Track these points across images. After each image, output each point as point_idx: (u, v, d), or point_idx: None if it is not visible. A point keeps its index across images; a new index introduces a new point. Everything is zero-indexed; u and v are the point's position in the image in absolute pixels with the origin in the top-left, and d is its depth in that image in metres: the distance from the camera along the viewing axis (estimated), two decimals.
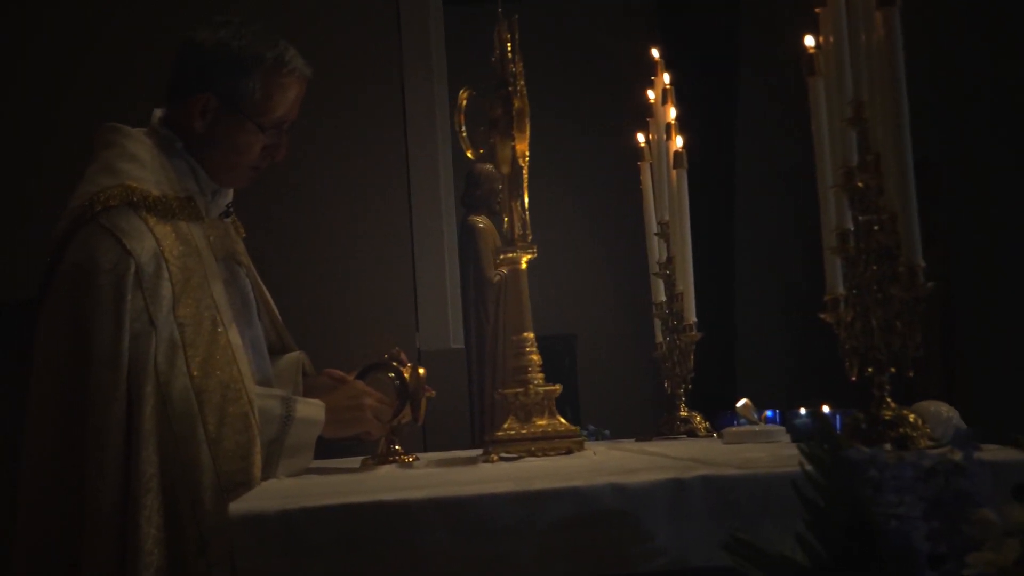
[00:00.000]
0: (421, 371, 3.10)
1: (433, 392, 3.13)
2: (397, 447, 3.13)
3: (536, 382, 3.05)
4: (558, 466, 2.66)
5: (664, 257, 3.86)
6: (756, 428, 3.11)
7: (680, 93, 3.76)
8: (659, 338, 3.92)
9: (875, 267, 2.40)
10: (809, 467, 1.90)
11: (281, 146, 3.05)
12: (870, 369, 2.44)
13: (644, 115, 3.92)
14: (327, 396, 3.05)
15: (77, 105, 4.56)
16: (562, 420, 3.04)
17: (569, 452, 2.99)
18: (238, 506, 2.11)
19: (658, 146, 3.81)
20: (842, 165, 2.47)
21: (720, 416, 3.62)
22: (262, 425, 2.79)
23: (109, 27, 4.85)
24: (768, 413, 3.26)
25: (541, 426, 3.02)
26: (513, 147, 3.03)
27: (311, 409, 2.96)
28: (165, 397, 2.69)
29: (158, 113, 3.04)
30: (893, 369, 2.37)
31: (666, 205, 3.79)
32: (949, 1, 9.46)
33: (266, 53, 2.99)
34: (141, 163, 2.92)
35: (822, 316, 2.59)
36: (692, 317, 3.66)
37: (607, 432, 4.44)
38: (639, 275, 9.09)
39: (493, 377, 8.15)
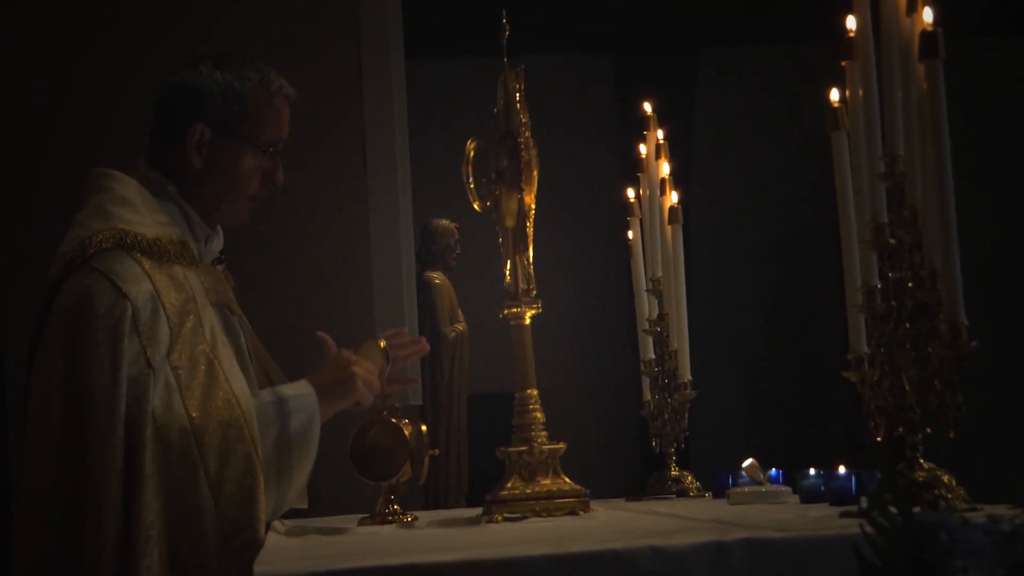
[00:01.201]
0: (423, 428, 3.02)
1: (436, 451, 3.05)
2: (396, 507, 3.04)
3: (540, 440, 2.98)
4: (577, 527, 2.59)
5: (655, 314, 3.81)
6: (762, 488, 3.05)
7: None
8: (647, 396, 3.86)
9: (908, 324, 2.35)
10: (870, 530, 1.83)
11: (278, 169, 2.98)
12: (900, 429, 2.38)
13: (634, 170, 3.88)
14: (311, 375, 2.92)
15: (64, 155, 4.49)
16: (566, 480, 2.97)
17: (573, 513, 2.92)
18: (263, 568, 2.02)
19: (650, 201, 3.77)
20: (872, 221, 2.42)
21: (715, 475, 3.55)
22: (261, 424, 2.70)
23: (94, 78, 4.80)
24: (772, 473, 3.20)
25: (545, 485, 2.95)
26: (520, 199, 2.96)
27: (296, 386, 2.86)
28: (164, 441, 2.59)
29: (140, 162, 2.96)
30: (928, 429, 2.32)
31: (658, 261, 3.74)
32: None
33: (251, 75, 2.92)
34: (133, 207, 2.83)
35: (845, 374, 2.54)
36: (687, 375, 3.61)
37: (588, 491, 4.36)
38: (599, 331, 9.08)
39: (447, 433, 8.10)
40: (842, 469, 2.80)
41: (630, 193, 3.91)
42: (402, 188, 6.65)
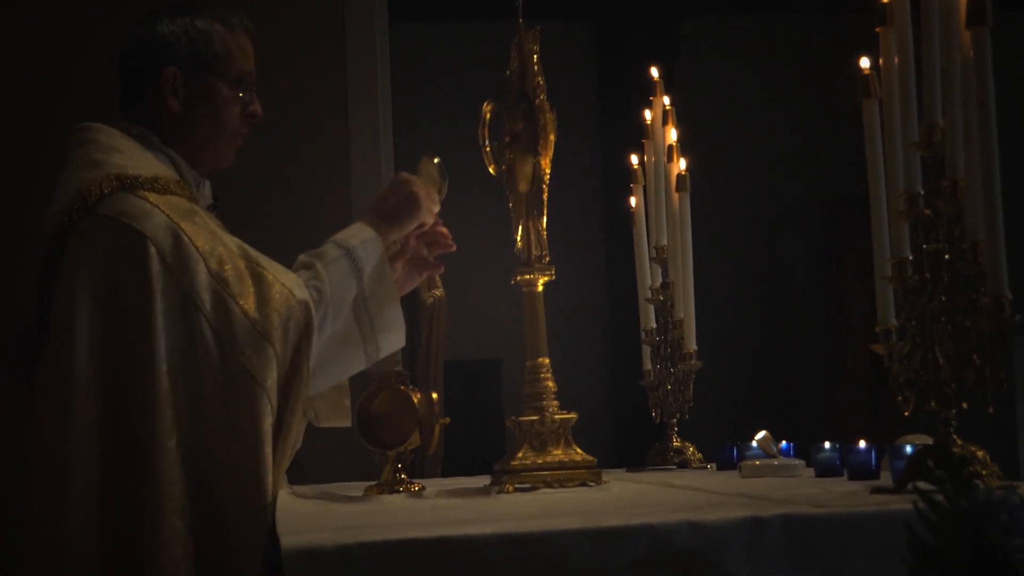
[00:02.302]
0: (435, 396, 2.96)
1: (448, 419, 2.98)
2: (403, 475, 2.98)
3: (552, 410, 2.93)
4: (601, 499, 2.54)
5: (658, 283, 3.75)
6: (775, 462, 3.01)
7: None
8: (647, 366, 3.81)
9: (944, 298, 2.30)
10: (925, 507, 1.78)
11: (255, 102, 2.94)
12: (932, 403, 2.34)
13: (639, 136, 3.81)
14: (373, 204, 2.91)
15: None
16: (578, 450, 2.92)
17: (584, 484, 2.87)
18: (291, 540, 1.96)
19: (656, 168, 3.71)
20: (906, 191, 2.37)
21: (718, 448, 3.51)
22: (341, 283, 2.71)
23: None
24: (783, 446, 3.15)
25: (557, 456, 2.90)
26: (536, 163, 2.90)
27: (358, 231, 2.83)
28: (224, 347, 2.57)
29: (118, 123, 2.88)
30: (965, 404, 2.27)
31: (663, 229, 3.69)
32: None
33: (208, 14, 2.90)
34: (122, 153, 2.75)
35: (873, 347, 2.49)
36: (692, 345, 3.56)
37: None
38: (569, 297, 9.03)
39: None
40: (862, 443, 2.76)
41: (633, 159, 3.84)
42: (384, 155, 6.57)
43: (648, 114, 3.77)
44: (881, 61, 2.46)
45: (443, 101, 8.88)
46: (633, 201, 3.86)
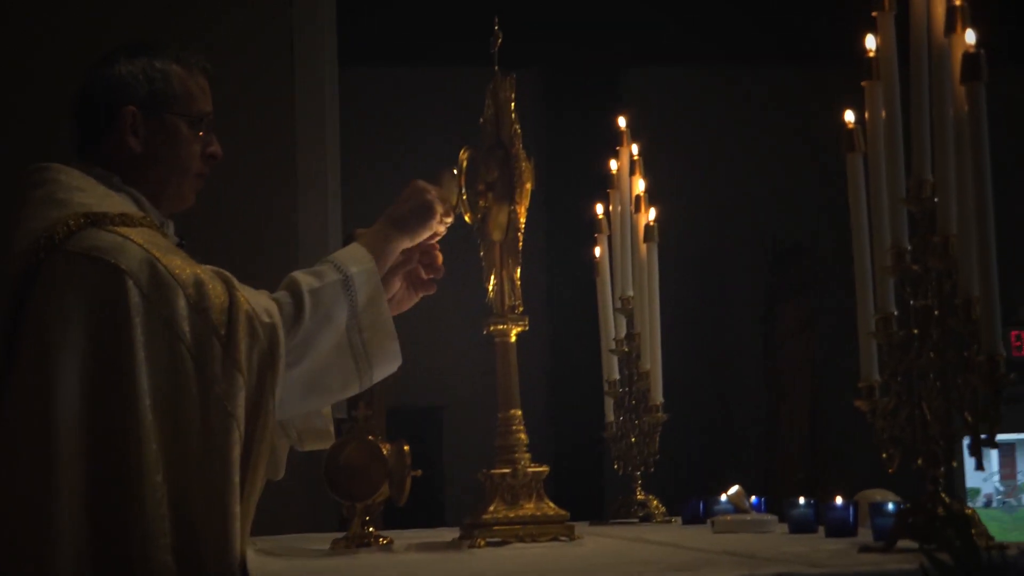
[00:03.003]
0: (406, 448, 2.90)
1: (419, 472, 2.92)
2: (371, 528, 2.92)
3: (524, 462, 2.88)
4: (582, 557, 2.50)
5: (622, 333, 3.72)
6: (748, 517, 2.98)
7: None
8: (609, 417, 3.77)
9: (933, 354, 2.29)
10: (931, 568, 1.76)
11: (214, 142, 2.89)
12: (920, 461, 2.32)
13: (604, 186, 3.79)
14: (389, 208, 2.87)
15: None
16: (550, 504, 2.88)
17: (556, 539, 2.82)
18: None
19: (621, 218, 3.69)
20: (893, 246, 2.36)
21: (682, 502, 3.48)
22: (329, 306, 2.67)
23: None
24: (754, 501, 3.13)
25: (529, 510, 2.85)
26: (512, 212, 2.86)
27: (356, 256, 2.77)
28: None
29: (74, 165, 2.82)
30: (955, 463, 2.25)
31: (629, 279, 3.66)
32: (823, 90, 9.58)
33: (166, 54, 2.85)
34: (85, 192, 2.69)
35: (857, 403, 2.47)
36: (659, 397, 3.53)
37: None
38: (526, 342, 8.98)
39: None
40: (839, 500, 2.73)
41: (598, 209, 3.82)
42: (332, 198, 6.53)
43: (614, 164, 3.75)
44: (867, 115, 2.45)
45: (392, 145, 8.85)
46: (597, 251, 3.83)
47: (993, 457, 10.83)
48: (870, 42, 2.47)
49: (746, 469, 9.06)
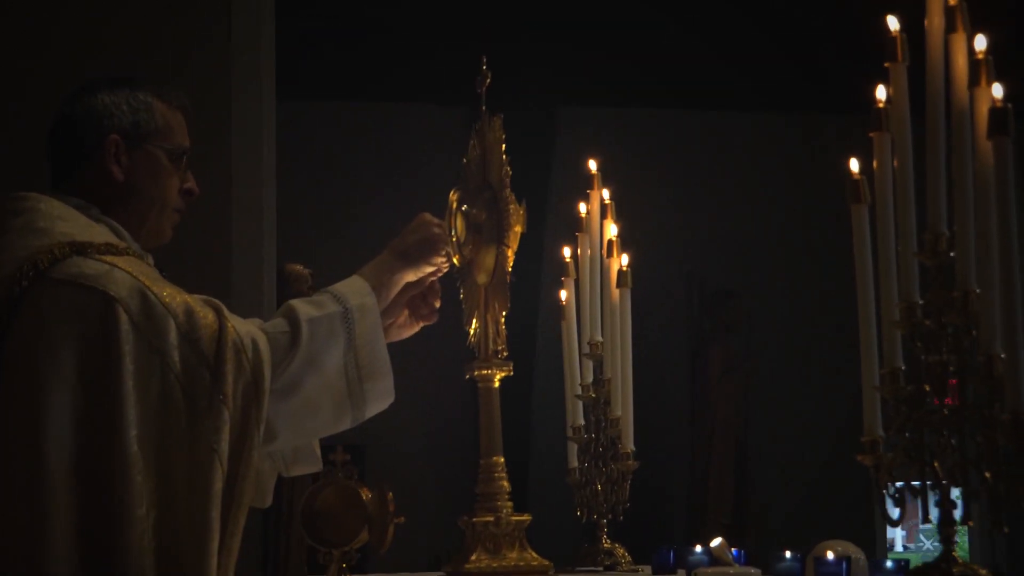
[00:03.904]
0: (390, 495, 2.81)
1: (402, 518, 2.84)
2: (348, 575, 2.84)
3: (506, 511, 2.82)
4: None
5: (588, 379, 3.66)
6: (731, 570, 2.93)
7: None
8: (572, 463, 3.71)
9: (946, 412, 2.26)
10: None
11: (191, 180, 2.81)
12: (928, 518, 2.29)
13: (572, 229, 3.74)
14: (394, 241, 2.82)
15: None
16: (533, 553, 2.82)
17: None
18: None
19: (590, 262, 3.64)
20: (903, 300, 2.33)
21: (654, 551, 3.43)
22: (327, 338, 2.60)
23: None
24: (734, 552, 3.08)
25: (512, 559, 2.80)
26: (499, 254, 2.80)
27: (356, 290, 2.71)
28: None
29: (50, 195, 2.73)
30: (971, 523, 2.22)
31: (598, 325, 3.61)
32: (758, 133, 9.65)
33: (146, 87, 2.77)
34: (66, 221, 2.59)
35: (860, 458, 2.44)
36: (630, 445, 3.48)
37: None
38: (437, 383, 8.91)
39: (292, 491, 7.81)
40: (830, 554, 2.69)
41: (566, 252, 3.77)
42: (267, 232, 6.43)
43: (584, 207, 3.70)
44: (875, 165, 2.43)
45: (330, 179, 8.78)
46: (564, 295, 3.77)
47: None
48: (880, 93, 2.44)
49: (671, 512, 9.05)
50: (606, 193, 3.66)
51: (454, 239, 2.82)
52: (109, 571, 2.37)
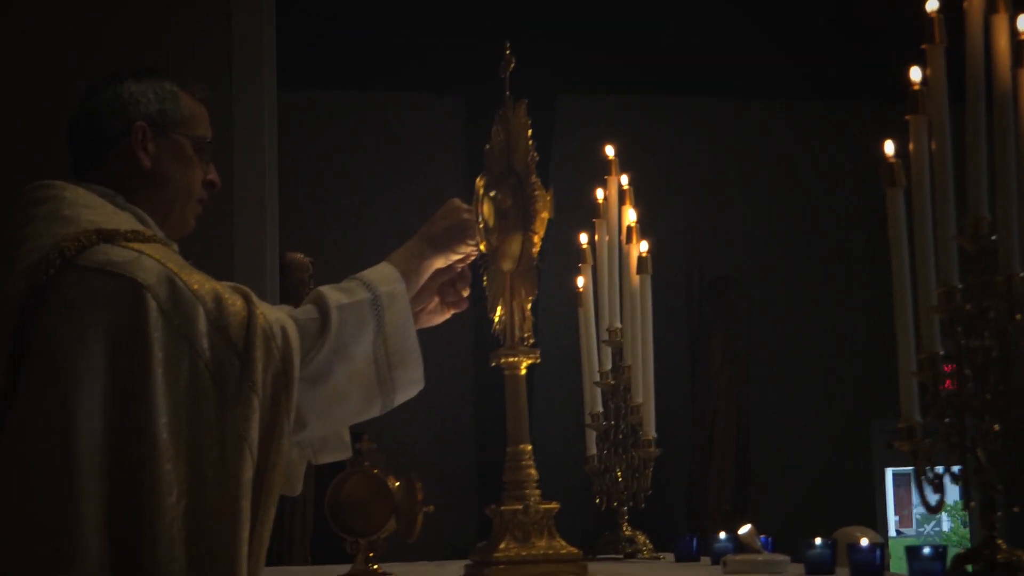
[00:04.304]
0: (418, 484, 2.78)
1: (432, 507, 2.80)
2: (376, 566, 2.81)
3: (535, 499, 2.78)
4: None
5: (607, 366, 3.64)
6: (759, 557, 2.91)
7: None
8: (591, 450, 3.69)
9: (988, 396, 2.23)
10: None
11: (213, 172, 2.81)
12: (971, 504, 2.26)
13: (591, 215, 3.71)
14: (423, 227, 2.81)
15: None
16: (562, 542, 2.78)
17: None
18: None
19: (608, 249, 3.61)
20: (942, 285, 2.30)
21: (674, 539, 3.41)
22: (357, 325, 2.59)
23: None
24: (761, 539, 3.05)
25: (541, 548, 2.75)
26: (525, 241, 2.77)
27: (382, 271, 2.71)
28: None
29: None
30: (1016, 508, 2.19)
31: (616, 312, 3.59)
32: (756, 122, 9.62)
33: (169, 79, 2.79)
34: (92, 209, 2.58)
35: (897, 444, 2.41)
36: (652, 432, 3.46)
37: None
38: (440, 375, 8.88)
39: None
40: (864, 541, 2.67)
41: (583, 239, 3.74)
42: (270, 219, 6.40)
43: (601, 193, 3.67)
44: (911, 148, 2.40)
45: (327, 168, 8.74)
46: (581, 281, 3.75)
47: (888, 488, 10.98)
48: (915, 75, 2.42)
49: (672, 500, 9.03)
50: (624, 179, 3.63)
51: (481, 225, 2.79)
52: (138, 561, 2.35)
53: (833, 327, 9.54)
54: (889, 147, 2.49)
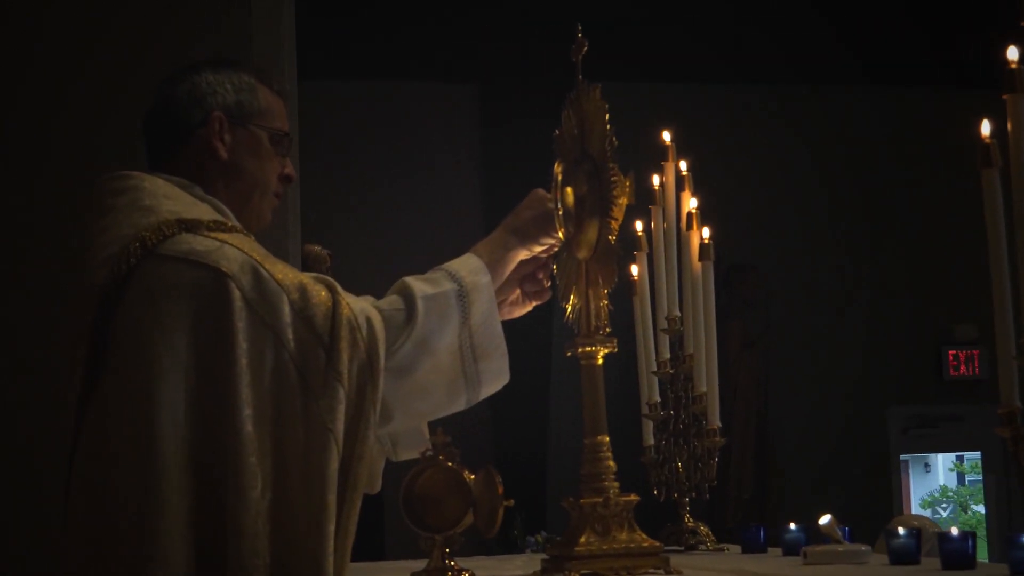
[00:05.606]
0: (498, 477, 2.71)
1: (511, 501, 2.74)
2: (452, 562, 2.75)
3: (614, 491, 2.73)
4: None
5: (665, 355, 3.59)
6: (839, 548, 2.86)
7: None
8: (648, 441, 3.64)
9: None
10: None
11: (289, 165, 2.76)
12: None
13: (646, 203, 3.66)
14: (508, 217, 2.76)
15: None
16: (642, 535, 2.73)
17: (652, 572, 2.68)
18: None
19: (666, 235, 3.56)
20: None
21: (745, 530, 3.36)
22: (442, 315, 2.53)
23: None
24: (842, 529, 3.00)
25: (623, 541, 2.70)
26: (602, 228, 2.71)
27: (467, 262, 2.66)
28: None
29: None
30: None
31: (675, 300, 3.53)
32: (772, 107, 9.57)
33: (247, 71, 2.73)
34: (172, 199, 2.52)
35: (998, 431, 2.36)
36: (716, 421, 3.40)
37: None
38: None
39: None
40: (954, 530, 2.62)
41: (638, 226, 3.69)
42: (292, 212, 6.34)
43: (657, 179, 3.62)
44: (1009, 128, 2.35)
45: (341, 159, 8.68)
46: (635, 269, 3.69)
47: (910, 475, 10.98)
48: (1012, 53, 2.36)
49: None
50: (683, 165, 3.58)
51: (560, 213, 2.73)
52: (223, 555, 2.30)
53: (851, 314, 9.49)
54: (986, 127, 2.44)
